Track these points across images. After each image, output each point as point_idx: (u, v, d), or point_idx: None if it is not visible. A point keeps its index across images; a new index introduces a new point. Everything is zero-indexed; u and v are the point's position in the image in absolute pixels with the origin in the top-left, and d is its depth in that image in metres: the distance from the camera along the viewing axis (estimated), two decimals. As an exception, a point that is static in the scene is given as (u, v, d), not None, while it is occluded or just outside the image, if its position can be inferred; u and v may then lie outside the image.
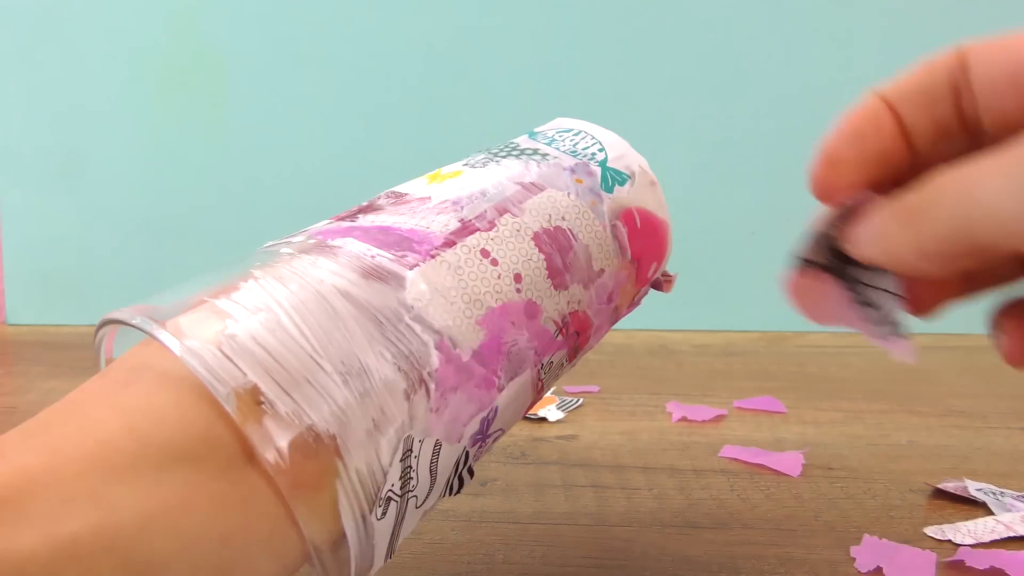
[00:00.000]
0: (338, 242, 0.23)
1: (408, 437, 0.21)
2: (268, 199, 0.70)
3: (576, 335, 0.27)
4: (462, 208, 0.25)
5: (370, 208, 0.26)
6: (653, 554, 0.31)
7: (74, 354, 0.62)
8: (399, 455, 0.21)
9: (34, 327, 0.74)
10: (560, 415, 0.47)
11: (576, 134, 0.30)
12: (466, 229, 0.25)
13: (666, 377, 0.57)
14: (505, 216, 0.26)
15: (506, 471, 0.39)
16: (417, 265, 0.23)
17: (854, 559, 0.31)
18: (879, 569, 0.30)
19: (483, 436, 0.24)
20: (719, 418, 0.47)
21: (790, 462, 0.40)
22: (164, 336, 0.19)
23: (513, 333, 0.24)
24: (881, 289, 0.24)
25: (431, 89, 0.69)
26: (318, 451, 0.19)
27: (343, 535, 0.19)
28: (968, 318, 0.78)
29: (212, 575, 0.18)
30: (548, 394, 0.50)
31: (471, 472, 0.24)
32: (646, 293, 0.30)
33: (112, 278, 0.72)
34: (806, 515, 0.35)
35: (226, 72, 0.70)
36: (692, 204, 0.68)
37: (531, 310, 0.25)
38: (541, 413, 0.47)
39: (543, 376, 0.26)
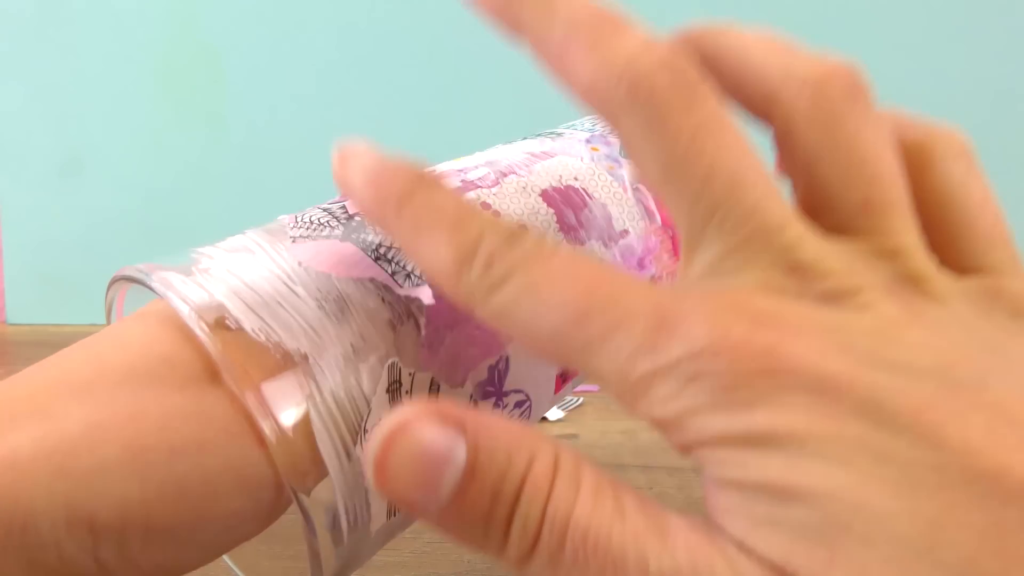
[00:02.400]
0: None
1: (394, 364, 0.19)
2: (269, 199, 0.70)
3: None
4: (465, 173, 0.24)
5: None
6: (653, 553, 0.31)
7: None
8: (383, 384, 0.19)
9: (34, 327, 0.74)
10: (560, 414, 0.47)
11: (596, 117, 0.29)
12: (466, 187, 0.24)
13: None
14: (510, 176, 0.24)
15: (506, 470, 0.39)
16: None
17: (854, 558, 0.31)
18: (879, 568, 0.30)
19: (497, 391, 0.22)
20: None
21: (790, 461, 0.40)
22: (141, 274, 0.19)
23: None
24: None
25: (433, 89, 0.69)
26: (287, 370, 0.18)
27: (324, 468, 0.18)
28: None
29: (161, 488, 0.17)
30: (548, 393, 0.50)
31: None
32: None
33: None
34: (806, 514, 0.35)
35: (226, 72, 0.70)
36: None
37: None
38: (541, 412, 0.47)
39: None
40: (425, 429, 0.14)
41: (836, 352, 0.14)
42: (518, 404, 0.23)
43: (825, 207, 0.17)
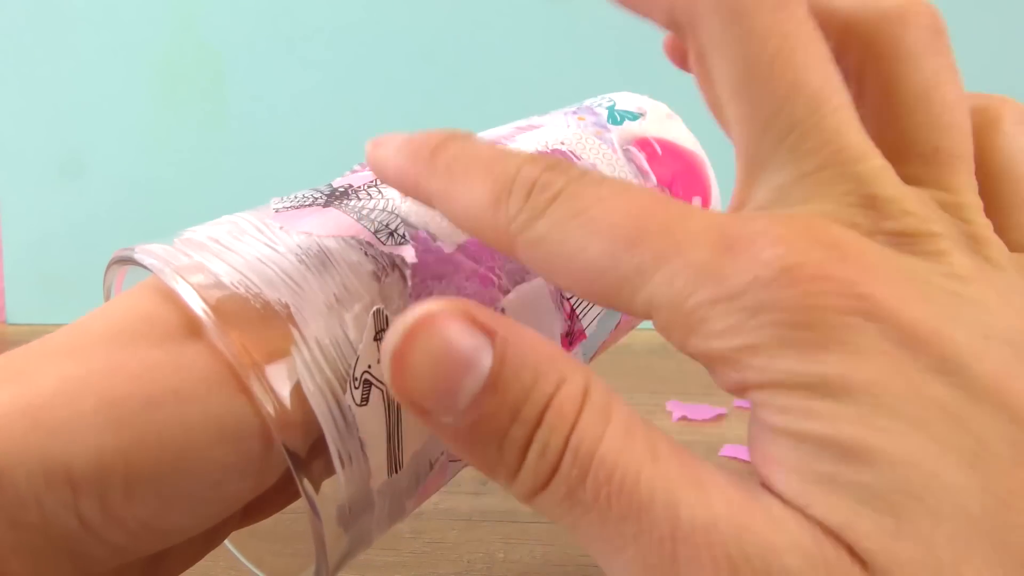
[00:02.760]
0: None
1: (380, 311, 0.19)
2: (268, 198, 0.70)
3: None
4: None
5: (360, 169, 0.25)
6: (653, 553, 0.31)
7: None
8: (370, 332, 0.18)
9: (34, 327, 0.74)
10: (560, 414, 0.47)
11: (587, 99, 0.29)
12: None
13: (666, 376, 0.57)
14: (501, 141, 0.24)
15: (506, 470, 0.39)
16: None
17: (854, 558, 0.31)
18: (879, 568, 0.30)
19: None
20: (719, 417, 0.47)
21: (790, 461, 0.40)
22: (123, 253, 0.19)
23: None
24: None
25: (432, 89, 0.69)
26: (268, 318, 0.17)
27: (313, 417, 0.17)
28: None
29: (140, 437, 0.16)
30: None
31: None
32: None
33: (112, 278, 0.72)
34: (806, 514, 0.35)
35: (226, 72, 0.70)
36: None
37: None
38: (541, 412, 0.47)
39: (568, 295, 0.23)
40: (452, 327, 0.13)
41: (918, 300, 0.13)
42: None
43: (893, 148, 0.15)
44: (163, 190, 0.72)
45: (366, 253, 0.19)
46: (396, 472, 0.19)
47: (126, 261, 0.19)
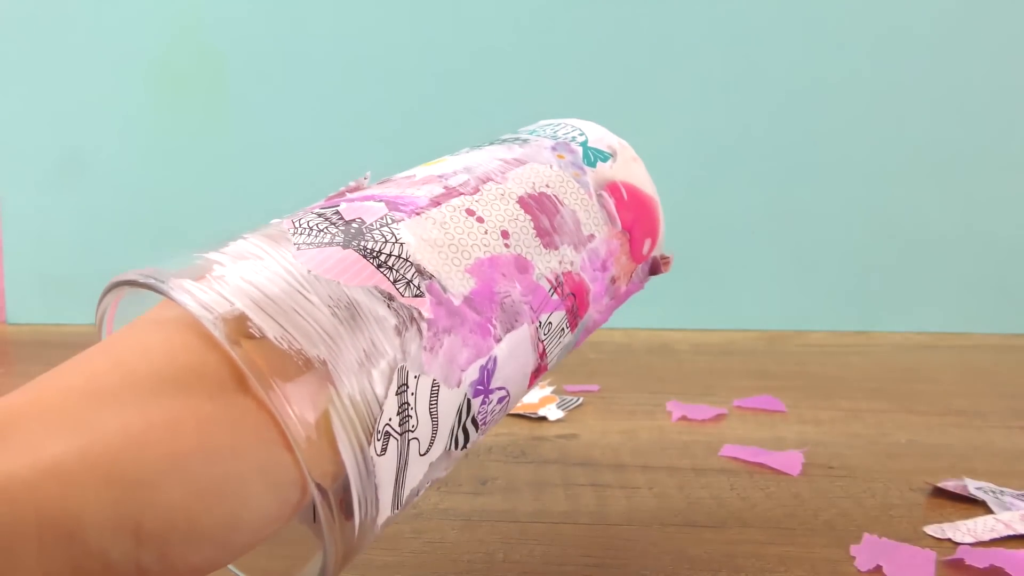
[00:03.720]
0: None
1: (402, 369, 0.21)
2: (269, 199, 0.70)
3: (572, 296, 0.27)
4: (446, 179, 0.26)
5: (356, 188, 0.27)
6: (653, 553, 0.31)
7: (74, 354, 0.62)
8: (394, 388, 0.20)
9: (34, 327, 0.74)
10: (560, 414, 0.47)
11: (556, 125, 0.31)
12: (450, 194, 0.25)
13: (666, 376, 0.57)
14: (489, 183, 0.26)
15: (506, 470, 0.39)
16: (402, 220, 0.23)
17: (854, 558, 0.31)
18: (879, 568, 0.30)
19: (485, 389, 0.24)
20: (719, 417, 0.47)
21: (790, 461, 0.40)
22: (153, 280, 0.20)
23: (504, 284, 0.24)
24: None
25: (432, 89, 0.69)
26: (309, 375, 0.19)
27: (342, 467, 0.19)
28: (968, 318, 0.78)
29: (202, 494, 0.17)
30: (548, 392, 0.50)
31: (476, 424, 0.24)
32: (647, 276, 0.31)
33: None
34: (806, 514, 0.35)
35: (226, 72, 0.70)
36: (692, 204, 0.68)
37: (521, 264, 0.25)
38: (541, 412, 0.47)
39: (543, 337, 0.26)
40: None
41: None
42: (500, 400, 0.25)
43: None
44: (163, 190, 0.72)
45: (388, 306, 0.21)
46: (398, 509, 0.21)
47: (150, 287, 0.20)
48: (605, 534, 0.33)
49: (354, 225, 0.23)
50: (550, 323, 0.26)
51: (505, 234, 0.25)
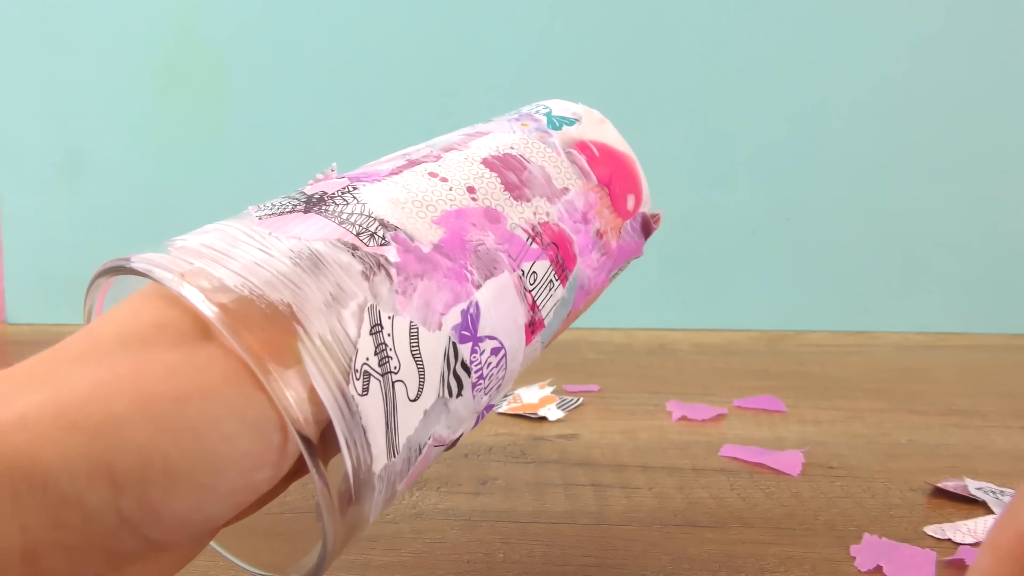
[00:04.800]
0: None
1: (373, 307, 0.20)
2: (269, 199, 0.70)
3: (555, 247, 0.26)
4: (409, 155, 0.26)
5: (324, 179, 0.27)
6: (653, 553, 0.31)
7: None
8: (367, 327, 0.20)
9: (34, 327, 0.74)
10: (560, 414, 0.47)
11: (522, 107, 0.31)
12: (412, 164, 0.25)
13: (666, 376, 0.57)
14: (451, 151, 0.26)
15: (506, 470, 0.39)
16: (364, 186, 0.24)
17: (854, 558, 0.31)
18: (879, 568, 0.30)
19: (473, 336, 0.23)
20: (719, 417, 0.47)
21: (790, 461, 0.40)
22: (120, 262, 0.20)
23: (476, 233, 0.24)
24: None
25: (432, 88, 0.69)
26: (273, 317, 0.19)
27: (322, 407, 0.19)
28: (968, 318, 0.78)
29: (173, 433, 0.17)
30: (548, 392, 0.50)
31: (467, 369, 0.23)
32: (640, 235, 0.30)
33: (112, 278, 0.71)
34: (806, 514, 0.35)
35: (226, 71, 0.70)
36: (692, 203, 0.68)
37: (492, 215, 0.25)
38: (541, 412, 0.47)
39: (530, 287, 0.25)
40: None
41: None
42: (494, 351, 0.24)
43: None
44: (163, 190, 0.72)
45: (353, 255, 0.21)
46: (394, 456, 0.21)
47: (120, 271, 0.20)
48: (605, 534, 0.33)
49: (315, 196, 0.23)
50: (535, 272, 0.25)
51: (471, 189, 0.25)
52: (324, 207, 0.23)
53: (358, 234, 0.21)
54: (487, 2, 0.68)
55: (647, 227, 0.30)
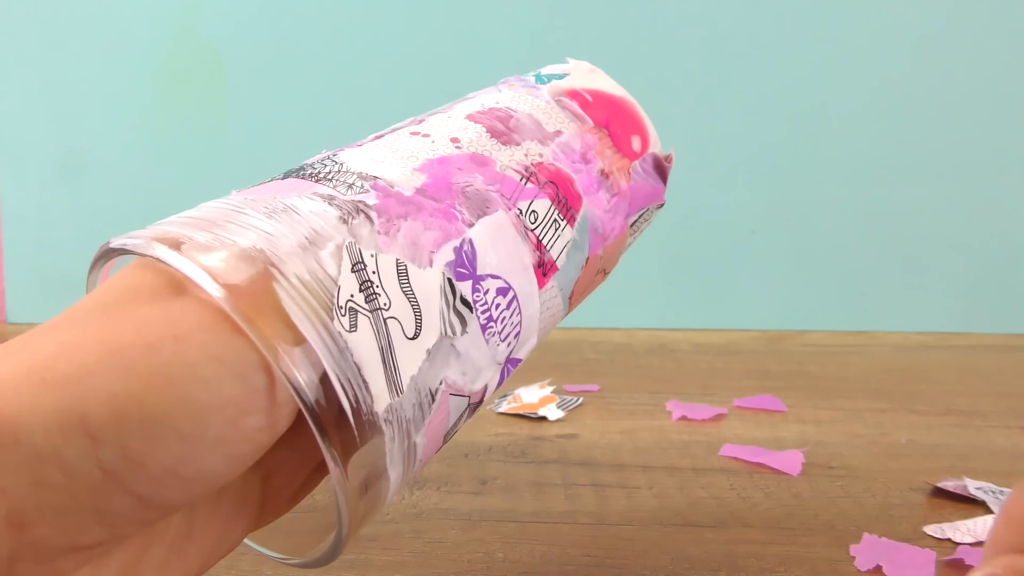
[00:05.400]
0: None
1: (351, 244, 0.20)
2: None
3: (553, 185, 0.25)
4: (394, 126, 0.26)
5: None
6: (653, 553, 0.31)
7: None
8: (347, 265, 0.19)
9: (34, 327, 0.74)
10: (560, 414, 0.47)
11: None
12: (394, 130, 0.25)
13: (666, 376, 0.57)
14: (435, 115, 0.26)
15: (506, 470, 0.39)
16: (343, 151, 0.23)
17: (854, 557, 0.31)
18: (879, 567, 0.30)
19: (471, 274, 0.22)
20: (719, 417, 0.47)
21: (790, 461, 0.40)
22: (108, 247, 0.20)
23: (463, 176, 0.23)
24: None
25: (433, 87, 0.69)
26: (246, 261, 0.18)
27: (313, 352, 0.18)
28: (968, 318, 0.78)
29: (146, 378, 0.17)
30: (548, 392, 0.50)
31: (468, 306, 0.22)
32: (655, 176, 0.29)
33: (112, 278, 0.72)
34: (806, 514, 0.35)
35: (227, 73, 0.70)
36: (692, 203, 0.68)
37: (479, 159, 0.24)
38: (541, 412, 0.47)
39: (531, 226, 0.24)
40: None
41: None
42: (500, 291, 0.23)
43: None
44: (163, 190, 0.72)
45: (330, 203, 0.20)
46: (397, 395, 0.20)
47: (105, 256, 0.20)
48: (605, 534, 0.33)
49: (294, 168, 0.23)
50: (534, 211, 0.24)
51: (455, 140, 0.24)
52: (302, 172, 0.22)
53: (335, 187, 0.21)
54: (487, 2, 0.68)
55: (660, 168, 0.29)
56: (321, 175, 0.22)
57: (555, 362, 0.57)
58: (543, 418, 0.47)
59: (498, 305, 0.23)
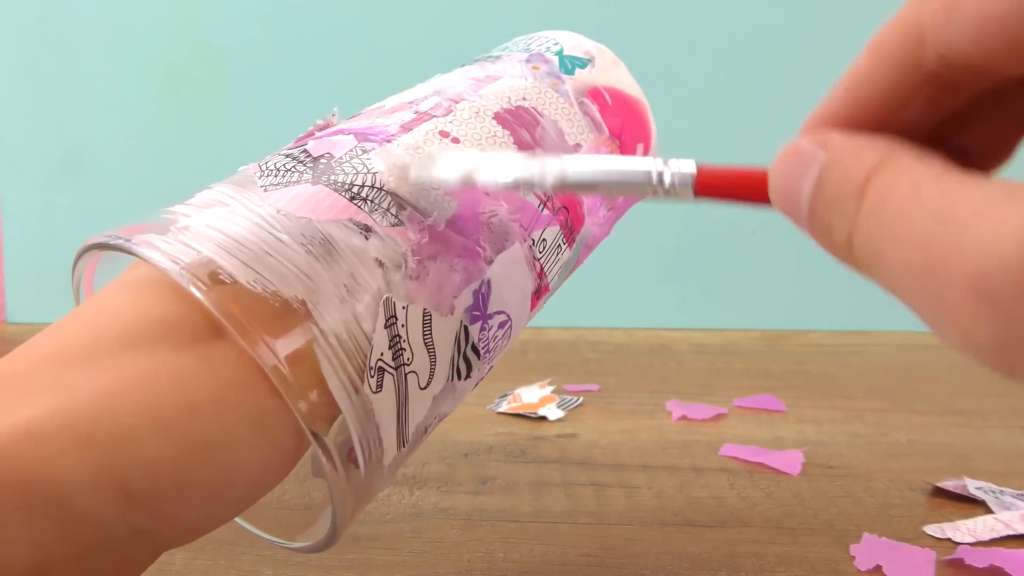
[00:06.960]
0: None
1: (388, 300, 0.20)
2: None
3: (565, 210, 0.25)
4: (417, 104, 0.25)
5: (325, 126, 0.26)
6: (653, 552, 0.31)
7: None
8: (381, 321, 0.19)
9: (34, 326, 0.74)
10: (560, 414, 0.47)
11: (529, 38, 0.30)
12: (421, 118, 0.24)
13: (666, 376, 0.57)
14: (462, 103, 0.25)
15: (506, 470, 0.39)
16: (373, 150, 0.22)
17: (853, 557, 0.31)
18: (878, 567, 0.30)
19: (483, 314, 0.23)
20: (719, 417, 0.47)
21: (790, 460, 0.40)
22: (119, 240, 0.19)
23: (489, 204, 0.23)
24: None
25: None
26: (287, 316, 0.18)
27: (337, 408, 0.18)
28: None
29: (187, 446, 0.17)
30: (548, 392, 0.50)
31: (477, 352, 0.22)
32: None
33: (112, 277, 0.72)
34: (806, 513, 0.35)
35: (227, 71, 0.70)
36: (692, 203, 0.68)
37: None
38: (541, 412, 0.47)
39: (539, 256, 0.24)
40: None
41: None
42: (501, 325, 0.23)
43: None
44: (163, 190, 0.72)
45: (367, 238, 0.20)
46: (403, 447, 0.20)
47: (115, 248, 0.20)
48: (605, 534, 0.33)
49: (323, 161, 0.22)
50: (544, 240, 0.25)
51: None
52: (333, 176, 0.21)
53: (371, 212, 0.21)
54: (487, 2, 0.68)
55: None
56: (355, 188, 0.21)
57: (555, 362, 0.57)
58: (543, 418, 0.47)
59: (496, 337, 0.23)
